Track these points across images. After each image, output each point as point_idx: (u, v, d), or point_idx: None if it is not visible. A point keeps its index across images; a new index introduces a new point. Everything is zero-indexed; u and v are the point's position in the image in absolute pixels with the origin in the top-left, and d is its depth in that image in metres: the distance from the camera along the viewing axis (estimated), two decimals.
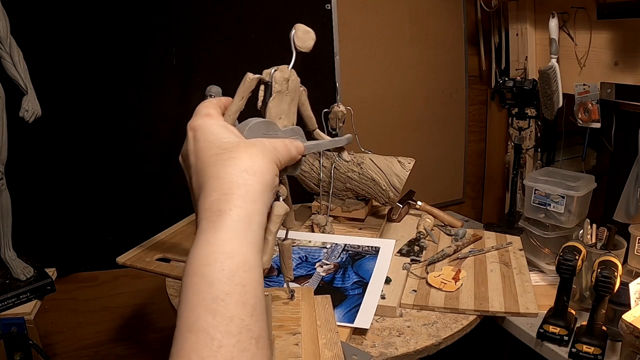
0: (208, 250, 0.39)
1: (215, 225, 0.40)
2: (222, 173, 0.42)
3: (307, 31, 0.57)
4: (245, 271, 0.39)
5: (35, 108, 1.12)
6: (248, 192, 0.42)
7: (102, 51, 1.46)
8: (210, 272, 0.38)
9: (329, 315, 0.94)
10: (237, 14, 1.60)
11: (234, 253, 0.39)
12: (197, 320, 0.36)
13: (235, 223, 0.40)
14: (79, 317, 1.65)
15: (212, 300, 0.36)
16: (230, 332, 0.36)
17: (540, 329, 1.05)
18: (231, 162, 0.42)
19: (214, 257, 0.38)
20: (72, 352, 1.68)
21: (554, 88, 1.49)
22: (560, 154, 1.71)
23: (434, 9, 1.92)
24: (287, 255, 0.75)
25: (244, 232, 0.40)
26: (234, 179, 0.42)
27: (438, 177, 2.12)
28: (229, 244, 0.39)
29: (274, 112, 0.56)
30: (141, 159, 1.56)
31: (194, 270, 0.38)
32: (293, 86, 0.58)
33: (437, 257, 1.27)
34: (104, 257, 1.54)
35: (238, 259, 0.39)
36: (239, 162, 0.42)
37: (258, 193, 0.42)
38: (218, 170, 0.42)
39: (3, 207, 1.15)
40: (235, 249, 0.39)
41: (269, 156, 0.45)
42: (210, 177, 0.42)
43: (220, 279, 0.37)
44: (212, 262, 0.38)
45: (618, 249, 1.15)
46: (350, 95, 1.79)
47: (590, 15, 1.40)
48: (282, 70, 0.56)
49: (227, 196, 0.41)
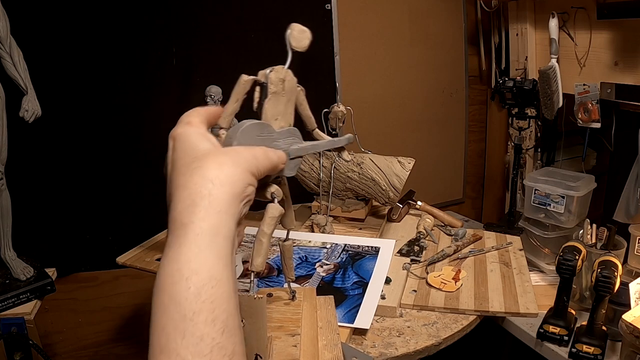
0: (173, 268, 0.37)
1: (180, 240, 0.38)
2: (189, 183, 0.40)
3: (303, 30, 0.57)
4: (213, 287, 0.37)
5: (35, 108, 1.12)
6: (212, 203, 0.40)
7: (102, 51, 1.45)
8: (177, 290, 0.36)
9: (331, 317, 0.93)
10: (237, 14, 1.60)
11: (199, 269, 0.37)
12: (168, 341, 0.35)
13: (199, 237, 0.38)
14: (79, 317, 1.65)
15: (181, 320, 0.35)
16: (201, 352, 0.35)
17: (540, 329, 1.05)
18: (198, 171, 0.41)
19: (179, 274, 0.37)
20: (72, 352, 1.68)
21: (554, 88, 1.49)
22: (560, 154, 1.71)
23: (434, 9, 1.92)
24: (288, 255, 0.74)
25: (209, 245, 0.39)
26: (198, 189, 0.40)
27: (438, 177, 2.12)
28: (193, 260, 0.37)
29: (270, 113, 0.55)
30: (141, 159, 1.56)
31: (161, 288, 0.37)
32: (289, 86, 0.57)
33: (437, 257, 1.27)
34: (104, 257, 1.54)
35: (204, 275, 0.37)
36: (206, 171, 0.41)
37: (225, 203, 0.40)
38: (186, 180, 0.41)
39: (3, 207, 1.15)
40: (200, 264, 0.37)
41: (243, 165, 0.43)
42: (177, 187, 0.41)
43: (187, 297, 0.36)
44: (178, 280, 0.37)
45: (618, 249, 1.15)
46: (350, 95, 1.79)
47: (590, 15, 1.40)
48: (278, 71, 0.56)
49: (191, 207, 0.39)
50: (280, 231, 0.70)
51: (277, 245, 1.29)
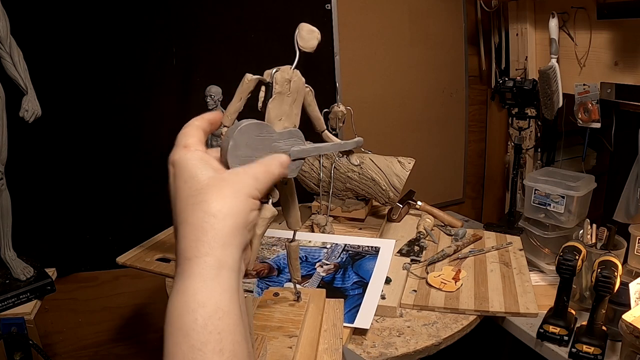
0: (180, 300, 0.39)
1: (186, 274, 0.39)
2: (191, 218, 0.41)
3: (311, 30, 0.56)
4: (219, 318, 0.38)
5: (35, 108, 1.12)
6: (215, 237, 0.40)
7: (102, 51, 1.46)
8: (184, 322, 0.38)
9: (337, 320, 0.93)
10: (237, 14, 1.60)
11: (206, 302, 0.38)
12: None
13: (204, 270, 0.39)
14: (79, 317, 1.65)
15: (189, 350, 0.37)
16: None
17: (540, 329, 1.05)
18: (200, 206, 0.41)
19: (186, 306, 0.38)
20: (72, 352, 1.68)
21: (554, 88, 1.49)
22: (560, 154, 1.71)
23: (434, 9, 1.92)
24: (294, 256, 0.74)
25: (214, 279, 0.39)
26: (200, 224, 0.40)
27: (438, 177, 2.12)
28: (199, 292, 0.39)
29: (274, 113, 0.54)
30: (141, 159, 1.56)
31: (171, 320, 0.38)
32: (295, 87, 0.56)
33: (437, 257, 1.27)
34: (104, 257, 1.54)
35: (210, 307, 0.38)
36: (208, 206, 0.41)
37: (229, 236, 0.41)
38: (188, 215, 0.41)
39: (3, 207, 1.15)
40: (206, 297, 0.39)
41: (244, 192, 0.43)
42: (181, 222, 0.42)
43: (194, 329, 0.37)
44: (185, 312, 0.38)
45: (618, 249, 1.15)
46: (350, 95, 1.79)
47: (590, 15, 1.40)
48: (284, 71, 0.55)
49: (194, 243, 0.40)
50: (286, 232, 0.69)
51: (277, 245, 1.29)
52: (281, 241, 1.31)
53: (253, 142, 0.49)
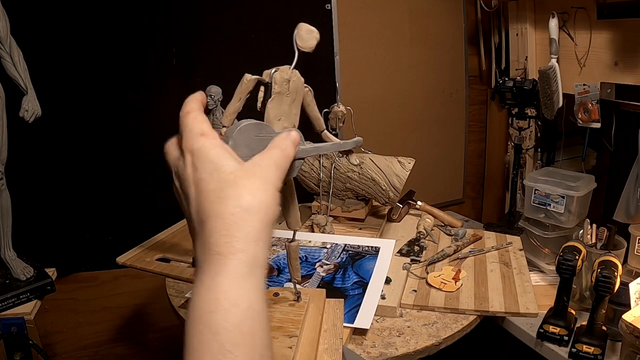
0: (210, 297, 0.37)
1: (216, 269, 0.38)
2: (223, 213, 0.39)
3: (310, 30, 0.56)
4: (253, 319, 0.37)
5: (35, 108, 1.12)
6: (249, 234, 0.39)
7: (102, 51, 1.46)
8: (214, 320, 0.36)
9: (337, 320, 0.92)
10: (237, 14, 1.60)
11: (239, 300, 0.37)
12: None
13: (237, 268, 0.38)
14: (79, 317, 1.65)
15: (219, 351, 0.35)
16: None
17: (540, 329, 1.05)
18: (231, 201, 0.40)
19: (216, 304, 0.36)
20: (72, 352, 1.68)
21: (554, 88, 1.49)
22: (560, 154, 1.71)
23: (434, 9, 1.92)
24: (294, 256, 0.74)
25: (247, 277, 0.38)
26: (233, 219, 0.39)
27: (438, 177, 2.12)
28: (232, 290, 0.37)
29: (273, 113, 0.54)
30: (141, 159, 1.56)
31: (197, 317, 0.37)
32: (294, 87, 0.56)
33: (437, 257, 1.27)
34: (104, 257, 1.54)
35: (243, 306, 0.37)
36: (240, 200, 0.40)
37: (260, 232, 0.40)
38: (217, 208, 0.40)
39: (3, 207, 1.15)
40: (239, 295, 0.37)
41: (272, 184, 0.42)
42: (209, 216, 0.40)
43: (225, 327, 0.36)
44: (215, 309, 0.36)
45: (618, 249, 1.15)
46: (350, 95, 1.79)
47: (590, 15, 1.40)
48: (283, 71, 0.55)
49: (227, 238, 0.38)
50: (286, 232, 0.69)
51: (277, 245, 1.29)
52: (281, 241, 1.31)
53: (252, 142, 0.49)
